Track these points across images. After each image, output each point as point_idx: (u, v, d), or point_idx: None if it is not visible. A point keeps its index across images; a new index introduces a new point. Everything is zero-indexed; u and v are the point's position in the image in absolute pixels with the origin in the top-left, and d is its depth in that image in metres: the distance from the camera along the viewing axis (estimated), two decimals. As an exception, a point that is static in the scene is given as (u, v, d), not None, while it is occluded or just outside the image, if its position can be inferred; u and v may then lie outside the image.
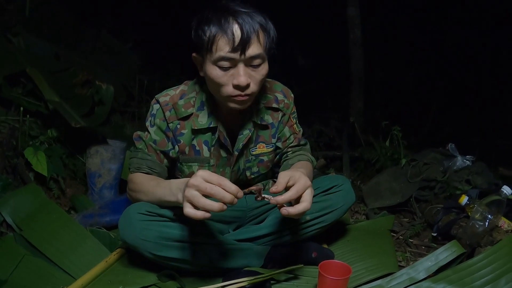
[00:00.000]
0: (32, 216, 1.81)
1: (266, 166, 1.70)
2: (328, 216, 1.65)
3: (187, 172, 1.61)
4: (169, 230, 1.39)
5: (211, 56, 1.32)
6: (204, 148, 1.57)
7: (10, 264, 1.54)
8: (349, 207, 1.73)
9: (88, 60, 3.34)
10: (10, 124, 2.22)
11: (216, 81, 1.34)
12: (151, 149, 1.55)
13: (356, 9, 4.38)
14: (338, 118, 4.94)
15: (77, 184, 2.42)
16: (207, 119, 1.53)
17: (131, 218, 1.38)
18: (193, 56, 1.45)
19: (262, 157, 1.67)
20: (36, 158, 2.09)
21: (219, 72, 1.33)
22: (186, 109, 1.52)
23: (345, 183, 1.70)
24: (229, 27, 1.27)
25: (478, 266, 1.49)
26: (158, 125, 1.54)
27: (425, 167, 2.58)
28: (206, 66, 1.36)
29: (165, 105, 1.53)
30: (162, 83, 4.06)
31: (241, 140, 1.57)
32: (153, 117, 1.55)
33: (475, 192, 2.19)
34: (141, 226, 1.36)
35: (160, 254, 1.38)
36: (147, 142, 1.55)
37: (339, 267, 1.39)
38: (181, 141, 1.55)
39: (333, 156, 3.56)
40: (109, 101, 2.82)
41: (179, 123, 1.53)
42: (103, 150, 2.29)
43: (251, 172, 1.67)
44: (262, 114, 1.61)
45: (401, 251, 2.03)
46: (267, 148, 1.67)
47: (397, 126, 2.93)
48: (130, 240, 1.39)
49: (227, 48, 1.28)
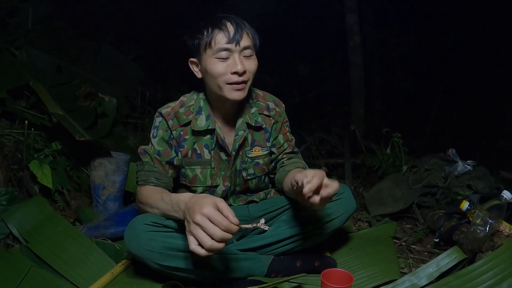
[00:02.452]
0: (38, 228, 1.84)
1: (262, 169, 1.80)
2: (329, 224, 1.68)
3: (190, 175, 1.71)
4: (174, 241, 1.42)
5: (211, 50, 1.52)
6: (205, 151, 1.69)
7: (17, 276, 1.55)
8: (350, 214, 1.75)
9: (90, 73, 3.37)
10: (15, 137, 2.24)
11: (217, 72, 1.53)
12: (157, 161, 1.66)
13: (355, 16, 4.42)
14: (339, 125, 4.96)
15: (82, 196, 2.44)
16: (205, 122, 1.66)
17: (136, 229, 1.41)
18: (190, 60, 1.62)
19: (257, 160, 1.78)
20: (41, 170, 2.12)
21: (219, 63, 1.53)
22: (187, 116, 1.66)
23: (345, 191, 1.73)
24: (224, 24, 1.52)
25: (479, 271, 1.50)
26: (160, 136, 1.66)
27: (426, 173, 2.59)
28: (206, 63, 1.54)
29: (167, 115, 1.66)
30: (163, 94, 4.10)
31: (237, 140, 1.69)
32: (155, 129, 1.68)
33: (476, 197, 2.20)
34: (147, 236, 1.39)
35: (165, 264, 1.40)
36: (152, 155, 1.66)
37: (342, 276, 1.40)
38: (184, 146, 1.67)
39: (335, 163, 3.58)
40: (112, 113, 2.84)
41: (182, 129, 1.66)
42: (107, 163, 2.31)
43: (247, 173, 1.77)
44: (255, 118, 1.74)
45: (404, 257, 2.03)
46: (263, 151, 1.78)
47: (398, 133, 2.93)
48: (135, 251, 1.41)
49: (224, 40, 1.51)
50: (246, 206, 1.83)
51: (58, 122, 2.30)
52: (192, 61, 1.62)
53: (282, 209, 1.77)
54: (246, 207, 1.82)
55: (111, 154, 2.35)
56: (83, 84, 2.86)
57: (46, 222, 1.87)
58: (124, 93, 3.60)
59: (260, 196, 1.85)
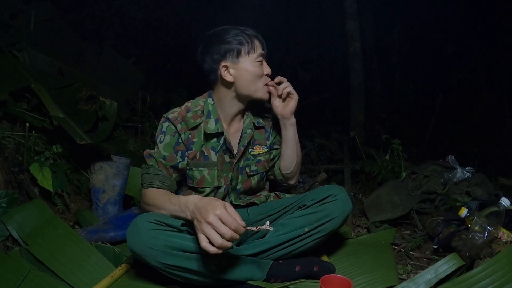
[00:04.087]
0: (37, 231, 1.84)
1: (263, 165, 1.92)
2: (326, 226, 1.70)
3: (198, 177, 1.78)
4: (177, 240, 1.42)
5: (254, 55, 1.71)
6: (212, 153, 1.77)
7: (17, 279, 1.55)
8: (347, 215, 1.76)
9: (91, 76, 3.38)
10: (15, 140, 2.24)
11: (257, 73, 1.73)
12: (161, 164, 1.72)
13: (355, 23, 4.44)
14: (339, 131, 4.97)
15: (82, 199, 2.44)
16: (214, 125, 1.75)
17: (139, 226, 1.41)
18: (224, 65, 1.71)
19: (259, 157, 1.90)
20: (42, 173, 2.12)
21: (258, 66, 1.73)
22: (195, 120, 1.74)
23: (340, 193, 1.76)
24: (256, 35, 1.74)
25: (477, 278, 1.51)
26: (168, 141, 1.73)
27: (425, 179, 2.60)
28: (246, 66, 1.71)
29: (174, 120, 1.73)
30: (164, 99, 4.11)
31: (245, 138, 1.82)
32: (163, 134, 1.74)
33: (475, 203, 2.21)
34: (150, 234, 1.39)
35: (167, 262, 1.40)
36: (157, 158, 1.72)
37: (340, 281, 1.41)
38: (192, 149, 1.75)
39: (335, 169, 3.59)
40: (112, 117, 2.85)
41: (190, 133, 1.74)
42: (107, 166, 2.32)
43: (250, 169, 1.89)
44: (257, 119, 1.91)
45: (403, 263, 2.04)
46: (263, 149, 1.92)
47: (397, 139, 2.94)
48: (137, 249, 1.41)
49: (260, 47, 1.74)
50: (245, 209, 1.88)
51: (59, 125, 2.31)
52: (225, 65, 1.71)
53: (281, 212, 1.83)
54: (245, 210, 1.87)
55: (111, 157, 2.35)
56: (84, 88, 2.87)
57: (46, 225, 1.87)
58: (124, 97, 3.61)
59: (261, 199, 1.92)
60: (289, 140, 1.89)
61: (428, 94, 5.61)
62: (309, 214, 1.71)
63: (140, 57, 4.70)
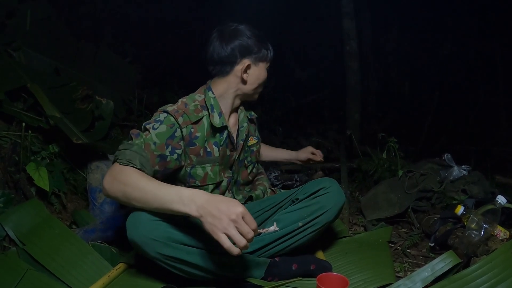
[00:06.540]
0: (34, 231, 1.83)
1: (256, 155, 2.01)
2: (320, 219, 1.70)
3: (202, 174, 1.72)
4: (178, 233, 1.41)
5: (267, 63, 1.83)
6: (215, 149, 1.74)
7: (13, 279, 1.55)
8: (340, 207, 1.77)
9: (88, 75, 3.37)
10: (12, 139, 2.23)
11: (264, 80, 1.84)
12: (149, 148, 1.51)
13: (351, 22, 4.44)
14: (335, 129, 4.98)
15: (78, 199, 2.43)
16: (219, 119, 1.73)
17: (140, 217, 1.39)
18: (248, 64, 1.75)
19: (252, 148, 1.98)
20: (38, 173, 2.11)
21: (266, 74, 1.84)
22: (197, 113, 1.69)
23: (333, 185, 1.77)
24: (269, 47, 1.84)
25: (473, 275, 1.51)
26: (162, 130, 1.56)
27: (421, 178, 2.61)
28: (261, 71, 1.81)
29: (175, 113, 1.61)
30: (160, 98, 4.11)
31: (243, 131, 1.88)
32: (158, 122, 1.58)
33: (471, 201, 2.22)
34: (151, 225, 1.38)
35: (168, 254, 1.39)
36: (146, 140, 1.52)
37: (337, 280, 1.41)
38: (196, 144, 1.68)
39: (331, 167, 3.59)
40: (109, 116, 2.84)
41: (192, 127, 1.66)
42: (104, 166, 2.32)
43: (247, 160, 1.95)
44: (249, 112, 2.01)
45: (399, 261, 2.04)
46: (254, 140, 2.00)
47: (394, 138, 2.95)
48: (138, 239, 1.39)
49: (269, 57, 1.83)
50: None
51: (55, 125, 2.30)
52: (249, 65, 1.75)
53: (275, 208, 1.84)
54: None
55: (108, 157, 2.35)
56: (80, 87, 2.85)
57: (43, 225, 1.86)
58: (121, 96, 3.60)
59: (257, 193, 1.94)
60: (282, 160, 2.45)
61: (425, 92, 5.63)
62: (302, 208, 1.71)
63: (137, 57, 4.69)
